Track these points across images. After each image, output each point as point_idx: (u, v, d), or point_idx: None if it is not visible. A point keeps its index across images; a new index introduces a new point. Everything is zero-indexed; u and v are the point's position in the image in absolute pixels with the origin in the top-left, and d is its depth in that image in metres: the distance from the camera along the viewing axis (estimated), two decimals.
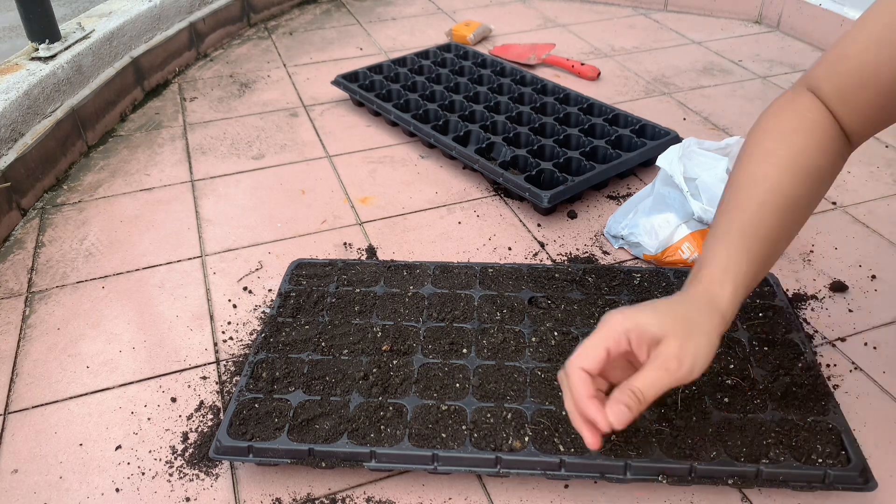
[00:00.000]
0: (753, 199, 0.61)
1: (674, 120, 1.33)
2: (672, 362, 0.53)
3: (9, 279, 1.00)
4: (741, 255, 0.59)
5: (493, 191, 1.15)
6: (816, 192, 0.64)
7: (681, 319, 0.55)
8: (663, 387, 0.54)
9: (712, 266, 0.59)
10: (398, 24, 1.85)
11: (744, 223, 0.61)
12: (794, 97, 0.66)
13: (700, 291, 0.58)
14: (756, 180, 0.62)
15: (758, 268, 0.61)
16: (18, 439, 0.77)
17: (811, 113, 0.65)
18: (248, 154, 1.28)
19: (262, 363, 0.78)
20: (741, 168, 0.65)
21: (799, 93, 0.67)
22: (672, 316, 0.55)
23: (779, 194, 0.61)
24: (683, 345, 0.54)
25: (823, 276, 0.95)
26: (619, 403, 0.53)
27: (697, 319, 0.55)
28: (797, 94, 0.67)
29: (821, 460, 0.66)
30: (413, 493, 0.70)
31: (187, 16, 1.66)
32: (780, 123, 0.65)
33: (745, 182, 0.63)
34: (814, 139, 0.63)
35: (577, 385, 0.56)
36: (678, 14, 1.83)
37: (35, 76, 1.21)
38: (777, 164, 0.62)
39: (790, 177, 0.62)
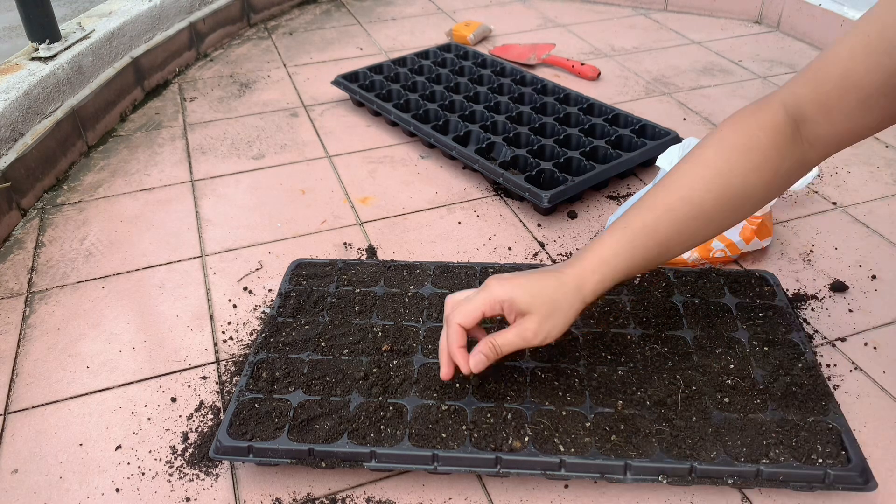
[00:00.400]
0: (665, 202, 0.67)
1: (674, 120, 1.33)
2: (529, 332, 0.65)
3: (9, 279, 1.00)
4: (627, 252, 0.66)
5: (493, 191, 1.15)
6: (737, 212, 0.68)
7: (548, 301, 0.64)
8: (517, 348, 0.66)
9: (596, 254, 0.66)
10: (398, 24, 1.85)
11: (645, 222, 0.66)
12: (758, 111, 0.67)
13: (574, 275, 0.66)
14: (679, 184, 0.67)
15: (640, 265, 0.68)
16: (18, 439, 0.77)
17: (764, 133, 0.66)
18: (248, 154, 1.28)
19: (262, 363, 0.78)
20: (678, 166, 0.69)
21: (764, 107, 0.67)
22: (541, 297, 0.64)
23: (692, 205, 0.66)
24: (543, 322, 0.65)
25: (823, 276, 0.95)
26: (479, 353, 0.66)
27: (561, 303, 0.65)
28: (762, 108, 0.67)
29: (821, 460, 0.66)
30: (413, 493, 0.70)
31: (187, 16, 1.66)
32: (729, 136, 0.68)
33: (670, 182, 0.68)
34: (753, 160, 0.66)
35: (454, 337, 0.67)
36: (678, 14, 1.83)
37: (35, 76, 1.21)
38: (704, 176, 0.66)
39: (712, 193, 0.66)
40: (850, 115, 0.62)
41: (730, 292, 0.86)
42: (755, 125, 0.66)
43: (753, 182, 0.66)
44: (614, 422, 0.70)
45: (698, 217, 0.67)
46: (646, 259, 0.67)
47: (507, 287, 0.65)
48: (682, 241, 0.68)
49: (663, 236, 0.67)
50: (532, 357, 0.78)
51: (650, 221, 0.66)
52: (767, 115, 0.66)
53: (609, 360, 0.77)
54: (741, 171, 0.66)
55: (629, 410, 0.71)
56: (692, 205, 0.66)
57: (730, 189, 0.66)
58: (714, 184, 0.66)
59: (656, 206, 0.67)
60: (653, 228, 0.66)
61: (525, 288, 0.64)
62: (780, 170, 0.67)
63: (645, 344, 0.79)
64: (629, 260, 0.66)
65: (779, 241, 1.01)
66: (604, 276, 0.66)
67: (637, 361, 0.77)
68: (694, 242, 0.69)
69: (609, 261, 0.66)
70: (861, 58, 0.59)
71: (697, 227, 0.67)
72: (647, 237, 0.66)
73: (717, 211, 0.67)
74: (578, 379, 0.75)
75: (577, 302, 0.65)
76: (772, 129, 0.66)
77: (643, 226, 0.66)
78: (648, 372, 0.75)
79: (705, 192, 0.66)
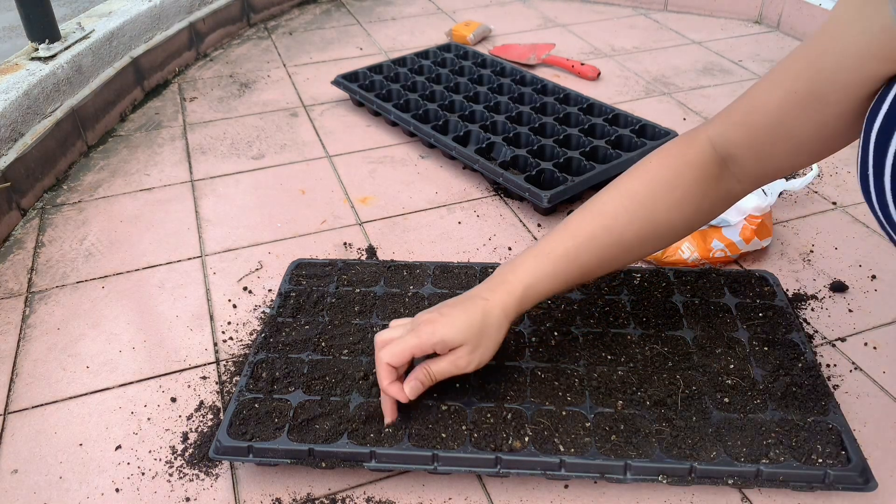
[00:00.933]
0: (588, 229, 0.70)
1: (674, 120, 1.33)
2: (462, 362, 0.67)
3: (9, 279, 1.00)
4: (549, 277, 0.69)
5: (493, 191, 1.15)
6: (657, 243, 0.72)
7: (476, 333, 0.67)
8: (450, 374, 0.68)
9: (518, 280, 0.69)
10: (398, 24, 1.85)
11: (567, 249, 0.69)
12: (687, 149, 0.70)
13: (499, 302, 0.68)
14: (603, 213, 0.70)
15: (561, 288, 0.71)
16: (18, 439, 0.77)
17: (690, 170, 0.69)
18: (248, 154, 1.28)
19: (262, 363, 0.78)
20: (606, 191, 0.71)
21: (693, 144, 0.70)
22: (470, 332, 0.67)
23: (612, 235, 0.69)
24: (473, 351, 0.67)
25: (823, 276, 0.95)
26: (415, 380, 0.68)
27: (489, 330, 0.68)
28: (691, 145, 0.70)
29: (821, 460, 0.66)
30: (413, 493, 0.70)
31: (187, 16, 1.66)
32: (656, 170, 0.70)
33: (595, 209, 0.71)
34: (677, 197, 0.69)
35: (384, 375, 0.68)
36: (678, 14, 1.83)
37: (35, 76, 1.21)
38: (628, 208, 0.69)
39: (634, 225, 0.69)
40: (781, 158, 0.66)
41: (730, 292, 0.86)
42: (683, 162, 0.69)
43: (675, 217, 0.70)
44: (614, 422, 0.70)
45: (619, 246, 0.70)
46: (566, 283, 0.70)
47: (437, 330, 0.66)
48: (601, 267, 0.71)
49: (584, 262, 0.70)
50: (532, 357, 0.78)
51: (572, 249, 0.69)
52: (695, 153, 0.69)
53: (609, 360, 0.77)
54: (665, 205, 0.69)
55: (629, 410, 0.71)
56: (613, 234, 0.69)
57: (652, 222, 0.69)
58: (637, 216, 0.69)
59: (579, 233, 0.70)
60: (574, 256, 0.69)
61: (454, 327, 0.66)
62: (702, 206, 0.70)
63: (645, 344, 0.79)
64: (551, 284, 0.69)
65: (779, 241, 1.01)
66: (527, 300, 0.69)
67: (637, 361, 0.77)
68: (614, 267, 0.73)
69: (532, 286, 0.69)
70: (793, 112, 0.61)
71: (617, 254, 0.71)
72: (568, 264, 0.69)
73: (637, 241, 0.70)
74: (578, 379, 0.75)
75: (504, 323, 0.68)
76: (698, 167, 0.68)
77: (565, 253, 0.69)
78: (648, 372, 0.75)
79: (627, 224, 0.69)
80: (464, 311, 0.67)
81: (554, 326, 0.82)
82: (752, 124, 0.65)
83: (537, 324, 0.82)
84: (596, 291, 0.87)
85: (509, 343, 0.80)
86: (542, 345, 0.79)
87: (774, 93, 0.62)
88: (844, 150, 1.21)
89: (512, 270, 0.70)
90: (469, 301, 0.69)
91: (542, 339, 0.80)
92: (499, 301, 0.68)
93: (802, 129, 0.62)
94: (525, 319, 0.83)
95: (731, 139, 0.67)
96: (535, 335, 0.81)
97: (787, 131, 0.62)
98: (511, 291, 0.68)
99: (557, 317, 0.83)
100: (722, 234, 0.94)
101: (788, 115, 0.62)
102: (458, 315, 0.67)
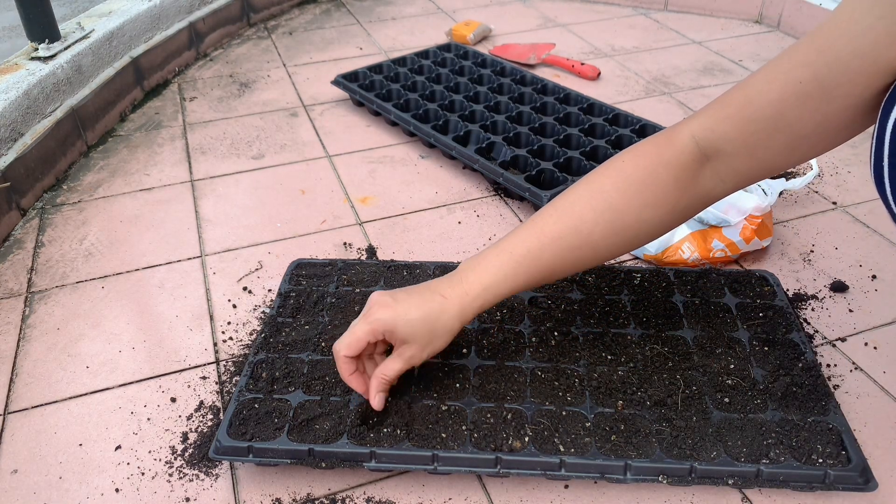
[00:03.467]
0: (554, 230, 0.67)
1: (674, 120, 1.33)
2: (413, 358, 0.68)
3: (8, 279, 1.00)
4: (510, 278, 0.67)
5: (493, 191, 1.15)
6: (626, 244, 0.69)
7: (428, 331, 0.66)
8: (402, 371, 0.68)
9: (478, 279, 0.67)
10: (398, 24, 1.85)
11: (531, 249, 0.67)
12: (663, 147, 0.67)
13: (456, 299, 0.67)
14: (570, 213, 0.67)
15: (522, 287, 0.69)
16: (18, 439, 0.77)
17: (666, 170, 0.66)
18: (248, 154, 1.28)
19: (261, 363, 0.78)
20: (574, 189, 0.69)
21: (672, 141, 0.66)
22: (422, 327, 0.66)
23: (579, 236, 0.67)
24: (423, 348, 0.67)
25: (823, 276, 0.95)
26: (377, 392, 0.69)
27: (441, 330, 0.67)
28: (669, 142, 0.66)
29: (821, 460, 0.66)
30: (413, 494, 0.69)
31: (187, 15, 1.66)
32: (629, 169, 0.67)
33: (562, 207, 0.68)
34: (650, 197, 0.66)
35: (343, 367, 0.69)
36: (678, 14, 1.83)
37: (35, 76, 1.21)
38: (596, 208, 0.66)
39: (600, 227, 0.67)
40: (776, 154, 0.62)
41: (730, 292, 0.86)
42: (658, 161, 0.66)
43: (647, 217, 0.67)
44: (614, 422, 0.70)
45: (585, 247, 0.67)
46: (528, 283, 0.69)
47: (389, 315, 0.66)
48: (566, 268, 0.69)
49: (548, 263, 0.68)
50: (532, 357, 0.78)
51: (535, 249, 0.67)
52: (673, 152, 0.66)
53: (609, 360, 0.77)
54: (636, 206, 0.66)
55: (629, 410, 0.71)
56: (580, 235, 0.67)
57: (621, 224, 0.67)
58: (604, 217, 0.66)
59: (544, 233, 0.67)
60: (537, 256, 0.67)
61: (406, 318, 0.66)
62: (677, 207, 0.67)
63: (645, 344, 0.79)
64: (512, 284, 0.68)
65: (779, 241, 1.01)
66: (485, 301, 0.68)
67: (637, 361, 0.77)
68: (579, 268, 0.70)
69: (491, 287, 0.67)
70: (795, 103, 0.58)
71: (583, 255, 0.68)
72: (530, 264, 0.67)
73: (605, 243, 0.67)
74: (578, 379, 0.75)
75: (457, 325, 0.67)
76: (675, 167, 0.65)
77: (527, 252, 0.67)
78: (648, 372, 0.75)
79: (594, 225, 0.66)
80: (419, 305, 0.66)
81: (554, 326, 0.82)
82: (748, 117, 0.61)
83: (537, 324, 0.82)
84: (596, 291, 0.87)
85: (509, 343, 0.80)
86: (542, 345, 0.79)
87: (775, 84, 0.59)
88: (844, 150, 1.21)
89: (472, 268, 0.68)
90: (427, 293, 0.67)
91: (542, 339, 0.80)
92: (456, 300, 0.67)
93: (803, 122, 0.59)
94: (525, 319, 0.83)
95: (722, 133, 0.63)
96: (535, 335, 0.81)
97: (787, 124, 0.59)
98: (468, 292, 0.67)
99: (557, 317, 0.83)
100: (722, 234, 0.94)
101: (790, 106, 0.58)
102: (413, 308, 0.66)
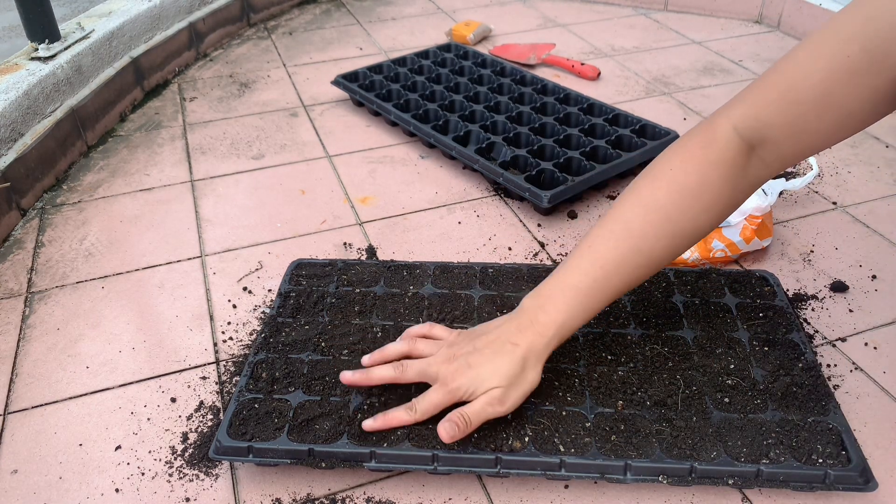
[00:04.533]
0: (616, 254, 0.66)
1: (674, 120, 1.33)
2: (497, 403, 0.66)
3: (8, 279, 1.00)
4: (580, 313, 0.67)
5: (493, 191, 1.15)
6: (683, 250, 0.69)
7: (513, 378, 0.66)
8: (485, 417, 0.66)
9: (551, 320, 0.67)
10: (398, 24, 1.85)
11: (597, 279, 0.67)
12: (708, 145, 0.65)
13: (534, 340, 0.66)
14: (629, 232, 0.66)
15: (592, 317, 0.69)
16: (18, 439, 0.77)
17: (716, 170, 0.64)
18: (248, 154, 1.28)
19: (261, 363, 0.78)
20: (626, 207, 0.68)
21: (715, 137, 0.65)
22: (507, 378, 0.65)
23: (641, 255, 0.66)
24: (508, 392, 0.66)
25: (823, 276, 0.95)
26: (450, 422, 0.66)
27: (524, 374, 0.66)
28: (713, 139, 0.65)
29: (821, 460, 0.66)
30: (413, 494, 0.69)
31: (187, 16, 1.66)
32: (680, 176, 0.66)
33: (618, 227, 0.67)
34: (705, 201, 0.65)
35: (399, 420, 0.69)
36: (678, 14, 1.83)
37: (35, 76, 1.21)
38: (654, 222, 0.66)
39: (662, 242, 0.66)
40: (823, 133, 0.61)
41: (730, 292, 0.86)
42: (706, 163, 0.65)
43: (703, 221, 0.67)
44: (614, 422, 0.70)
45: (648, 265, 0.68)
46: (597, 311, 0.69)
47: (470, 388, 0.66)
48: (630, 287, 0.69)
49: (614, 288, 0.68)
50: None
51: (601, 278, 0.67)
52: (718, 149, 0.65)
53: (609, 360, 0.77)
54: (693, 214, 0.66)
55: (629, 410, 0.71)
56: (642, 254, 0.67)
57: (680, 233, 0.67)
58: (664, 231, 0.66)
59: (607, 260, 0.67)
60: (604, 285, 0.67)
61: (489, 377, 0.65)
62: (729, 203, 0.67)
63: (645, 344, 0.79)
64: (583, 318, 0.68)
65: (779, 241, 1.01)
66: (560, 339, 0.68)
67: (637, 361, 0.77)
68: (641, 282, 0.70)
69: (565, 324, 0.67)
70: (843, 79, 0.57)
71: (646, 272, 0.68)
72: (598, 294, 0.67)
73: (664, 255, 0.68)
74: (578, 379, 0.75)
75: (539, 365, 0.67)
76: (724, 165, 0.64)
77: (594, 283, 0.67)
78: (648, 372, 0.75)
79: (655, 241, 0.66)
80: (500, 363, 0.66)
81: None
82: (793, 100, 0.59)
83: None
84: None
85: None
86: None
87: (819, 62, 0.57)
88: (844, 150, 1.21)
89: (541, 308, 0.67)
90: (500, 346, 0.67)
91: None
92: (531, 345, 0.66)
93: (853, 97, 0.57)
94: None
95: (766, 121, 0.62)
96: None
97: (835, 102, 0.57)
98: (543, 333, 0.66)
99: None
100: (722, 234, 0.94)
101: (837, 83, 0.57)
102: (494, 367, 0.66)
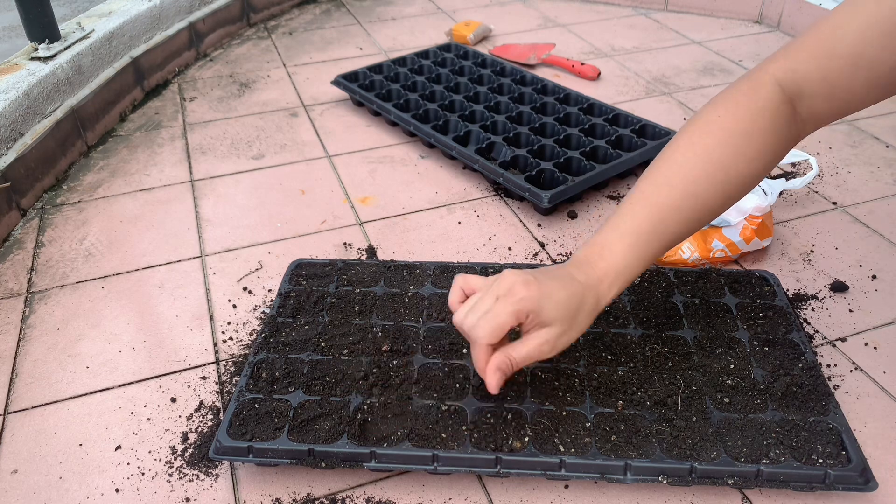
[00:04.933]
0: (670, 201, 0.65)
1: (674, 120, 1.33)
2: (546, 346, 0.63)
3: (8, 279, 1.00)
4: (639, 259, 0.65)
5: (493, 191, 1.15)
6: (734, 198, 0.68)
7: (569, 317, 0.63)
8: (532, 360, 0.64)
9: (610, 266, 0.65)
10: (398, 24, 1.85)
11: (654, 225, 0.65)
12: (753, 92, 0.65)
13: (592, 286, 0.64)
14: (682, 178, 0.65)
15: (649, 264, 0.67)
16: (18, 439, 0.77)
17: (763, 117, 0.64)
18: (248, 154, 1.28)
19: (261, 363, 0.78)
20: (675, 154, 0.67)
21: (759, 86, 0.65)
22: (565, 311, 0.62)
23: (696, 199, 0.65)
24: (560, 336, 0.63)
25: (823, 276, 0.95)
26: (497, 370, 0.63)
27: (580, 318, 0.64)
28: (757, 87, 0.65)
29: (821, 460, 0.66)
30: (413, 494, 0.69)
31: (187, 16, 1.66)
32: (729, 122, 0.65)
33: (671, 173, 0.66)
34: (756, 147, 0.65)
35: (482, 357, 0.64)
36: (678, 14, 1.83)
37: (35, 76, 1.21)
38: (707, 169, 0.65)
39: (715, 187, 0.65)
40: (855, 93, 0.62)
41: (730, 292, 0.86)
42: (754, 109, 0.65)
43: (753, 169, 0.66)
44: (614, 422, 0.70)
45: (702, 210, 0.66)
46: (655, 259, 0.67)
47: (534, 297, 0.61)
48: (685, 234, 0.68)
49: (672, 234, 0.66)
50: None
51: (659, 224, 0.65)
52: (764, 98, 0.65)
53: (609, 360, 0.77)
54: (744, 160, 0.65)
55: (629, 410, 0.71)
56: (697, 199, 0.65)
57: (733, 179, 0.65)
58: (717, 178, 0.65)
59: (662, 206, 0.65)
60: (661, 231, 0.65)
61: (551, 300, 0.62)
62: (776, 153, 0.66)
63: (645, 344, 0.79)
64: (643, 264, 0.66)
65: (779, 241, 1.01)
66: (620, 287, 0.66)
67: (637, 361, 0.77)
68: (695, 231, 0.69)
69: (624, 271, 0.65)
70: (875, 38, 0.58)
71: (700, 218, 0.67)
72: (656, 240, 0.65)
73: (718, 202, 0.66)
74: (578, 379, 0.75)
75: (594, 314, 0.65)
76: (771, 112, 0.64)
77: (652, 229, 0.65)
78: (648, 372, 0.75)
79: (708, 186, 0.65)
80: (563, 288, 0.63)
81: None
82: (830, 55, 0.60)
83: None
84: None
85: None
86: None
87: (855, 20, 0.59)
88: (844, 150, 1.21)
89: (600, 255, 0.65)
90: (566, 277, 0.64)
91: None
92: (592, 288, 0.64)
93: (885, 58, 0.58)
94: None
95: (804, 74, 0.62)
96: None
97: (868, 61, 0.59)
98: (602, 279, 0.64)
99: None
100: (722, 234, 0.94)
101: (871, 43, 0.58)
102: (557, 290, 0.62)
